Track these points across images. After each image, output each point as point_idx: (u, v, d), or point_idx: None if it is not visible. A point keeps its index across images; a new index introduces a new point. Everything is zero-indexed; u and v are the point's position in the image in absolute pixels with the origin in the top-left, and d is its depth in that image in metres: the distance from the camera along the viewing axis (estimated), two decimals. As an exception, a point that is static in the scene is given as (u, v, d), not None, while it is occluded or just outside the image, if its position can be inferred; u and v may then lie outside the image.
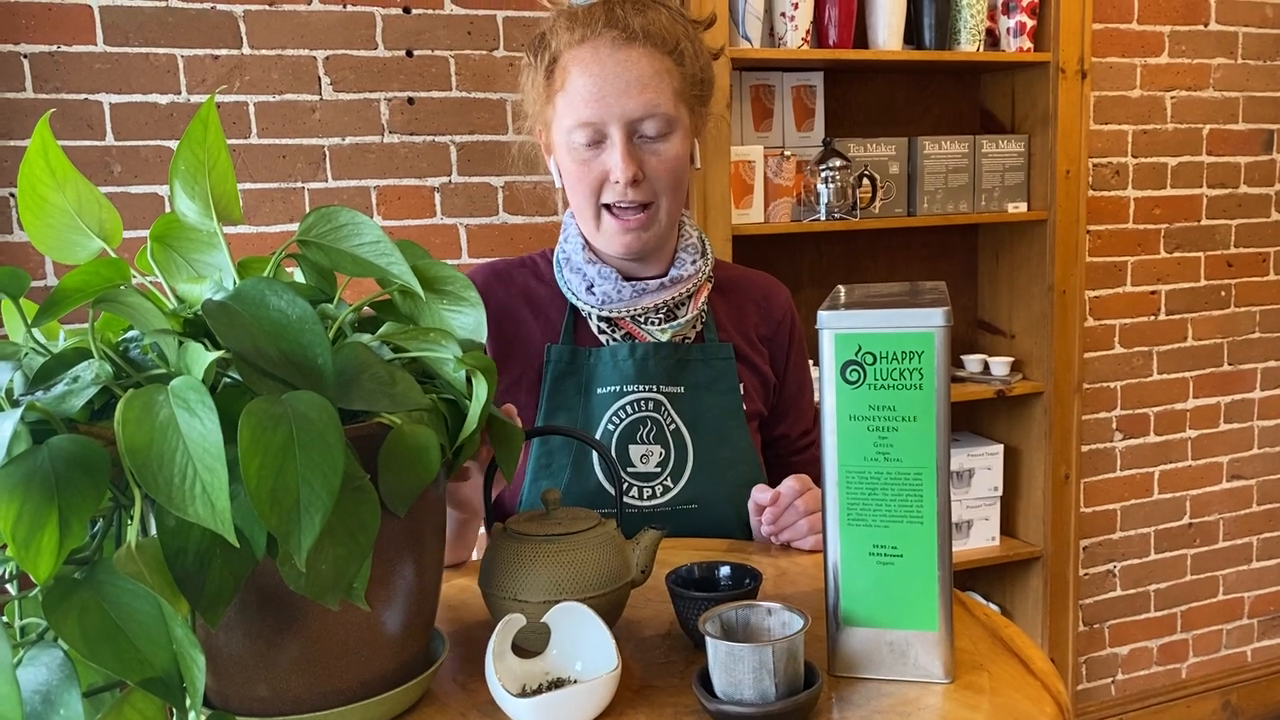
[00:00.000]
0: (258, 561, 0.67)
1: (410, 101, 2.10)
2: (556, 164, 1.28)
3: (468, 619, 1.02)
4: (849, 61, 2.21)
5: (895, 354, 0.81)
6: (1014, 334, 2.51)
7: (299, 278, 0.86)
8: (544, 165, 1.33)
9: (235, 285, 0.75)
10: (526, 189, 2.19)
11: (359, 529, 0.69)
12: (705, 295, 1.31)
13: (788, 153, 2.19)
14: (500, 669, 0.79)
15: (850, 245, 2.45)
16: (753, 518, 1.20)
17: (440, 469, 0.77)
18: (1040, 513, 2.46)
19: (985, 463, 2.46)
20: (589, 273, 1.27)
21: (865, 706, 0.81)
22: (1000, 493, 2.49)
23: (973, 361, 2.47)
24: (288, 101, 2.03)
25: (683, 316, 1.28)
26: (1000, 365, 2.43)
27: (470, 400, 0.80)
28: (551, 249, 1.35)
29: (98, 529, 0.69)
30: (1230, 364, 2.82)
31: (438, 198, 2.14)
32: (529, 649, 0.87)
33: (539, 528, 0.93)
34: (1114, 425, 2.73)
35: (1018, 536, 2.54)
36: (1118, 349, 2.70)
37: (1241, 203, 2.77)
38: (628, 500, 1.24)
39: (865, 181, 2.22)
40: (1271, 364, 2.87)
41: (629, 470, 1.25)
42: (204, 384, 0.65)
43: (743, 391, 1.31)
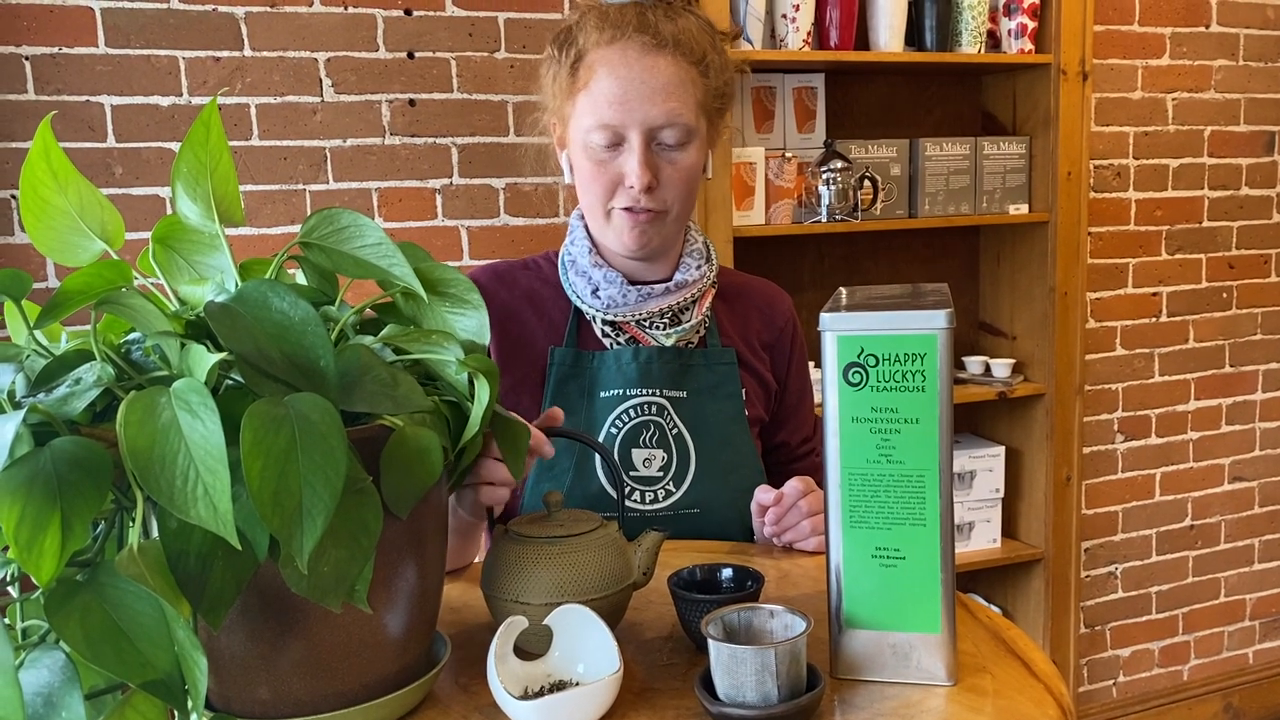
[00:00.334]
0: (259, 563, 0.67)
1: (411, 103, 2.10)
2: (569, 159, 1.28)
3: (469, 621, 1.02)
4: (850, 63, 2.21)
5: (898, 356, 0.80)
6: (1015, 336, 2.51)
7: (301, 280, 0.86)
8: (554, 161, 1.33)
9: (237, 287, 0.75)
10: (528, 189, 2.19)
11: (361, 531, 0.69)
12: (709, 301, 1.31)
13: (789, 154, 2.19)
14: (502, 671, 0.79)
15: (851, 247, 2.45)
16: (755, 518, 1.20)
17: (443, 472, 0.77)
18: (1042, 514, 2.45)
19: (987, 464, 2.46)
20: (594, 276, 1.27)
21: (868, 709, 0.80)
22: (1001, 494, 2.48)
23: (974, 363, 2.47)
24: (289, 103, 2.03)
25: (687, 322, 1.28)
26: (1001, 367, 2.42)
27: (472, 402, 0.80)
28: (555, 251, 1.35)
29: (99, 531, 0.69)
30: (1232, 366, 2.82)
31: (439, 200, 2.14)
32: (531, 651, 0.86)
33: (541, 530, 0.93)
34: (1115, 427, 2.72)
35: (1019, 538, 2.53)
36: (1119, 351, 2.70)
37: (1243, 204, 2.77)
38: (630, 504, 1.24)
39: (866, 183, 2.22)
40: (1273, 366, 2.87)
41: (631, 474, 1.25)
42: (206, 386, 0.65)
43: (744, 397, 1.31)
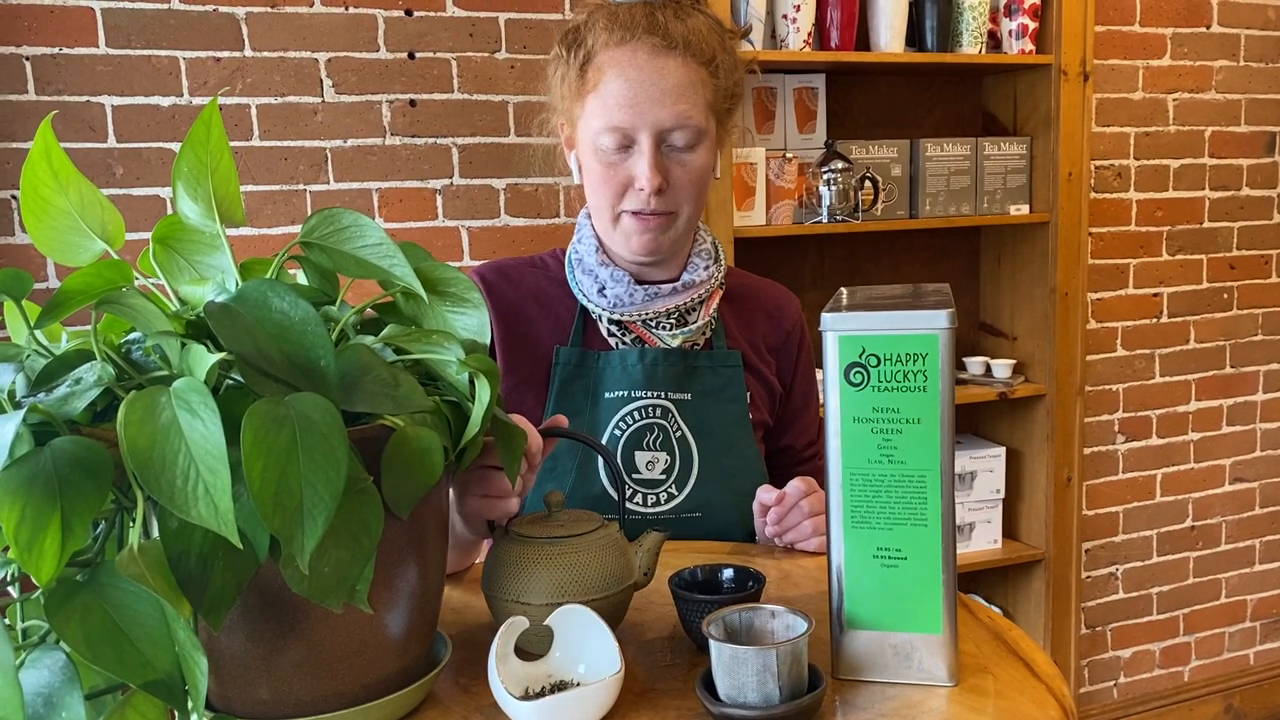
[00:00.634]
0: (260, 564, 0.67)
1: (412, 104, 2.10)
2: (578, 160, 1.27)
3: (470, 622, 1.02)
4: (851, 63, 2.21)
5: (899, 356, 0.80)
6: (1016, 336, 2.51)
7: (301, 280, 0.85)
8: (562, 162, 1.32)
9: (238, 287, 0.75)
10: (528, 190, 2.19)
11: (362, 531, 0.69)
12: (716, 302, 1.30)
13: (789, 155, 2.19)
14: (503, 672, 0.79)
15: (852, 247, 2.45)
16: (757, 518, 1.20)
17: (444, 471, 0.77)
18: (1042, 515, 2.45)
19: (987, 465, 2.46)
20: (601, 275, 1.26)
21: (869, 710, 0.80)
22: (1002, 495, 2.48)
23: (975, 364, 2.47)
24: (290, 103, 2.03)
25: (694, 322, 1.28)
26: (1002, 368, 2.42)
27: (473, 402, 0.80)
28: (562, 249, 1.34)
29: (100, 531, 0.69)
30: (1232, 367, 2.82)
31: (439, 200, 2.14)
32: (532, 652, 0.86)
33: (542, 530, 0.92)
34: (1116, 428, 2.72)
35: (1020, 539, 2.53)
36: (1120, 351, 2.70)
37: (1244, 205, 2.77)
38: (631, 507, 1.24)
39: (867, 184, 2.22)
40: (1274, 366, 2.86)
41: (634, 476, 1.25)
42: (206, 386, 0.64)
43: (749, 400, 1.31)
